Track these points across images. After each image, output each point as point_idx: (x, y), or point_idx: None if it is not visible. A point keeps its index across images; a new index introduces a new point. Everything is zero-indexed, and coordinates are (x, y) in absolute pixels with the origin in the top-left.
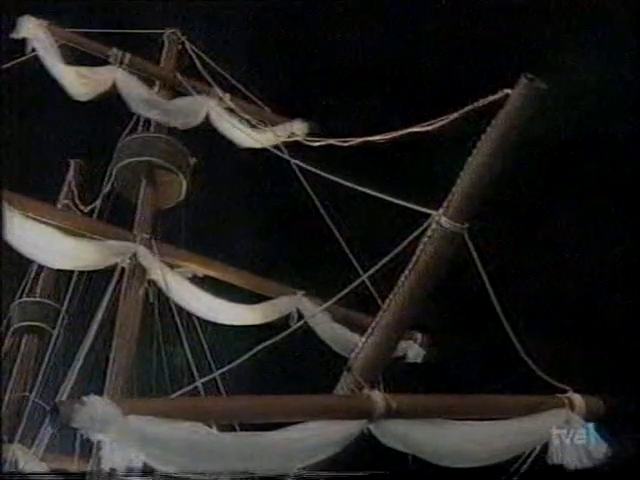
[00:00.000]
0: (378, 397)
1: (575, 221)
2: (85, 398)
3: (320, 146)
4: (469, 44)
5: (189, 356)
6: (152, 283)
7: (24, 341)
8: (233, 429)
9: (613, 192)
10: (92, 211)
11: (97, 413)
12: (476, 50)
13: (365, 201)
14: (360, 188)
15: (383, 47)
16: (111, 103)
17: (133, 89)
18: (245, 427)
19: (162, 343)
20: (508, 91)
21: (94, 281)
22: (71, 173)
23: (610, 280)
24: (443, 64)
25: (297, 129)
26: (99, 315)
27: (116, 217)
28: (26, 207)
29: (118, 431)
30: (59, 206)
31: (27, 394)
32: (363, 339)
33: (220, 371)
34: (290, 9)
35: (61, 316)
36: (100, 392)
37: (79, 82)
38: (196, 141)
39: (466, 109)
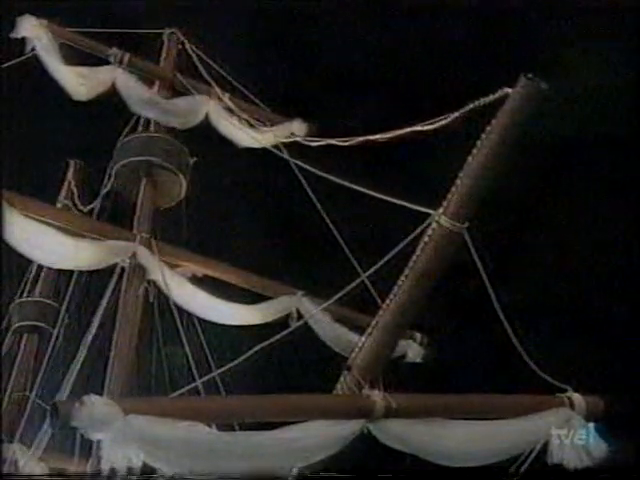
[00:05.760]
0: (378, 397)
1: (575, 221)
2: (85, 398)
3: (320, 146)
4: (469, 43)
5: (189, 356)
6: (152, 283)
7: (24, 341)
8: (233, 429)
9: (614, 192)
10: (92, 211)
11: (97, 413)
12: (477, 49)
13: (365, 201)
14: (360, 188)
15: (383, 46)
16: (111, 103)
17: (133, 89)
18: (245, 427)
19: (162, 343)
20: (508, 91)
21: (94, 281)
22: (71, 173)
23: (610, 280)
24: (443, 63)
25: (297, 129)
26: (99, 315)
27: (116, 217)
28: (26, 207)
29: (118, 431)
30: (59, 206)
31: (27, 394)
32: (363, 339)
33: (220, 371)
34: (290, 9)
35: (61, 316)
36: (100, 392)
37: (79, 82)
38: (196, 141)
39: (466, 109)
